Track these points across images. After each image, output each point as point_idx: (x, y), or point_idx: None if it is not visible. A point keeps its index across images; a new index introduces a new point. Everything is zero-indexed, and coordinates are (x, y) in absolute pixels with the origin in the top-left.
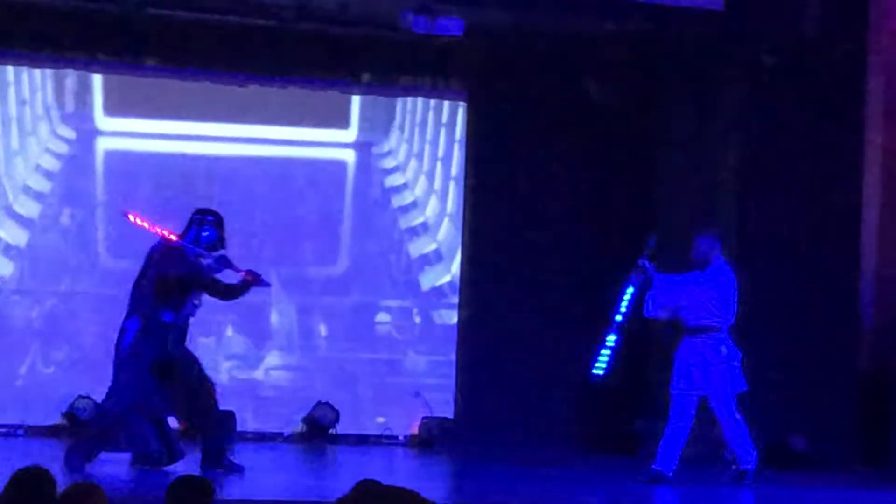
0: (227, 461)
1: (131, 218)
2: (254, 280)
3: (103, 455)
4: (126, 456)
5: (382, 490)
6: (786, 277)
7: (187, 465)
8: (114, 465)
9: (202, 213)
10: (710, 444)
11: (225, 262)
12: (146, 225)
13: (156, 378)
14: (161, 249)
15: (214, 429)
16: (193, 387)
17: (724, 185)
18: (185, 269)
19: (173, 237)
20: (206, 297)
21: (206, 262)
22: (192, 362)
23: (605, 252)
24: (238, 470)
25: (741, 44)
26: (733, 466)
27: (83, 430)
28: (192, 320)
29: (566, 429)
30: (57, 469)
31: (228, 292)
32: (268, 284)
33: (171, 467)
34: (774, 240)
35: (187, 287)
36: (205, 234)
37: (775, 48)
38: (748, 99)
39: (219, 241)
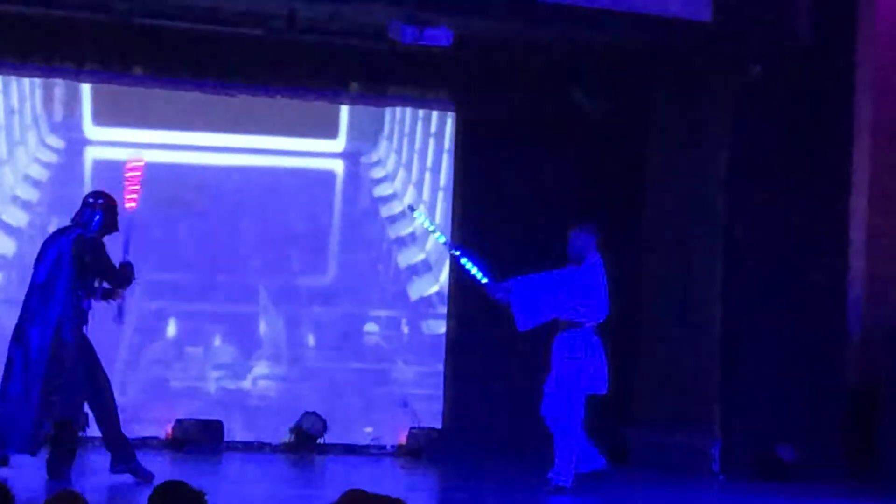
0: (136, 465)
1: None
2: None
3: (88, 465)
4: (104, 464)
5: (369, 499)
6: (774, 288)
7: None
8: (95, 475)
9: (95, 195)
10: (697, 454)
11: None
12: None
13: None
14: (80, 241)
15: (118, 428)
16: (101, 377)
17: (713, 196)
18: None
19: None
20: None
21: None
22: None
23: None
24: (147, 476)
25: (729, 54)
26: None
27: (60, 439)
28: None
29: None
30: (43, 478)
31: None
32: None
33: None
34: (763, 251)
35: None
36: (97, 217)
37: (763, 58)
38: (736, 109)
39: (110, 225)
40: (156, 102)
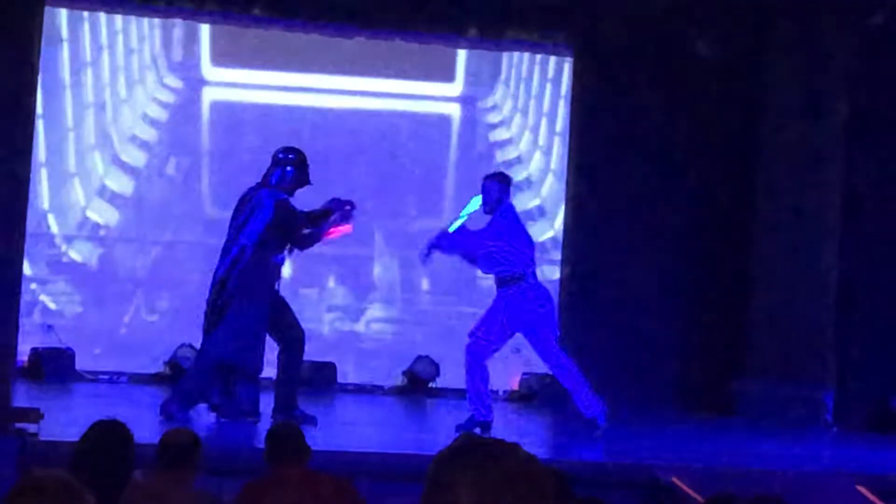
0: (298, 411)
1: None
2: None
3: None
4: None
5: (484, 443)
6: (892, 238)
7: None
8: (209, 415)
9: (285, 151)
10: (810, 405)
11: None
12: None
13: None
14: (269, 196)
15: (292, 377)
16: (287, 333)
17: (831, 144)
18: (294, 222)
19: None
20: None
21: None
22: (288, 307)
23: (707, 207)
24: (310, 420)
25: (850, 1)
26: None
27: (182, 378)
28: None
29: (665, 386)
30: (154, 416)
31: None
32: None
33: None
34: (881, 200)
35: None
36: (289, 172)
37: (885, 5)
38: (856, 56)
39: (302, 179)
40: (274, 44)
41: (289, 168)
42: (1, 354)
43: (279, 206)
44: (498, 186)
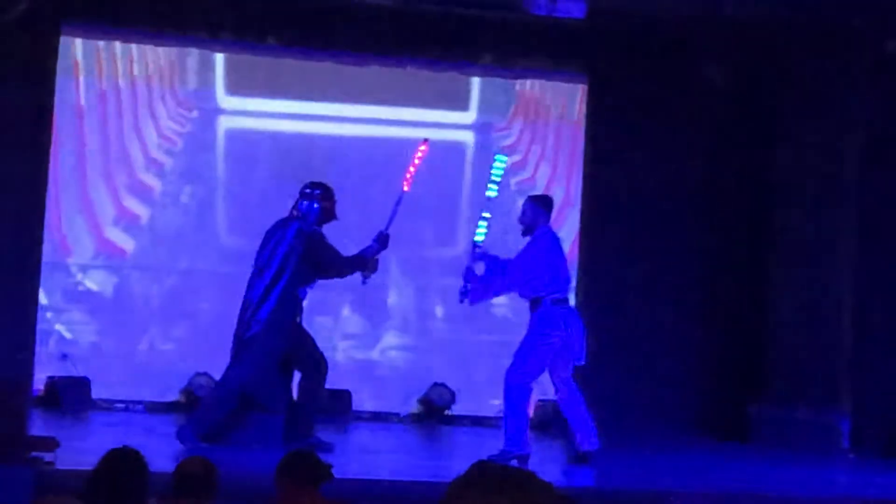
0: (314, 438)
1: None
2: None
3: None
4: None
5: (499, 471)
6: None
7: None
8: (224, 443)
9: (312, 186)
10: (826, 431)
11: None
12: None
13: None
14: (300, 236)
15: (311, 404)
16: (309, 361)
17: (846, 170)
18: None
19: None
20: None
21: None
22: (310, 336)
23: (723, 232)
24: (326, 447)
25: (863, 29)
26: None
27: (198, 404)
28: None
29: (680, 412)
30: (169, 444)
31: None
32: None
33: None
34: None
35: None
36: (315, 206)
37: None
38: (871, 85)
39: (328, 214)
40: (288, 72)
41: (315, 203)
42: (17, 383)
43: (311, 238)
44: (532, 208)
